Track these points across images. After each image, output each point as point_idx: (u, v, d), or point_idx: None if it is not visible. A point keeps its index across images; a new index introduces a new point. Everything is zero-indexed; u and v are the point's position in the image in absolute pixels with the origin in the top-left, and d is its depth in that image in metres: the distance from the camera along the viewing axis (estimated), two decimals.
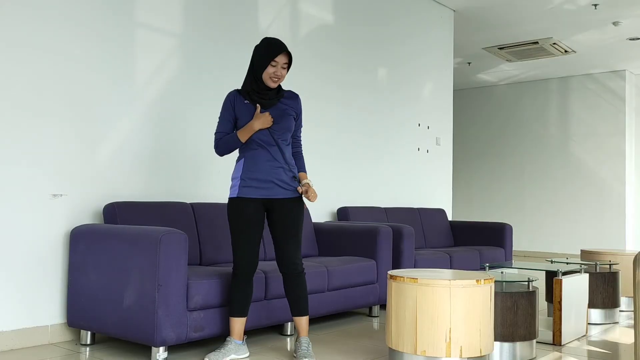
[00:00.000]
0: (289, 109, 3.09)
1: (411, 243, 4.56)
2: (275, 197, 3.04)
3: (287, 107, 3.10)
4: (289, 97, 3.14)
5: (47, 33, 3.38)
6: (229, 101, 3.07)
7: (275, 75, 3.00)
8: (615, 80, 9.70)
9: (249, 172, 3.01)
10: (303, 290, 3.10)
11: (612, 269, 4.42)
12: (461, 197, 11.18)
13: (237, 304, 3.03)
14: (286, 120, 3.06)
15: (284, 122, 3.05)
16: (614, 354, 3.39)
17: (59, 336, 3.40)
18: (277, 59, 2.98)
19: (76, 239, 3.33)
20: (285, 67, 3.02)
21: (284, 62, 3.00)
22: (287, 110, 3.09)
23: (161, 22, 3.96)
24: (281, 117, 3.05)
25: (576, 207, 9.93)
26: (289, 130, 3.09)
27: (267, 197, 3.03)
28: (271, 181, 3.02)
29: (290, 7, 4.93)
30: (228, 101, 3.07)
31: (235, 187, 3.03)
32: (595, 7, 6.72)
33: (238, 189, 3.02)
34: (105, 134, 3.65)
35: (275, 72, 2.99)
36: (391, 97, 6.03)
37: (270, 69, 2.98)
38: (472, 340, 2.70)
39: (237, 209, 3.00)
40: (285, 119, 3.06)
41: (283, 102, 3.10)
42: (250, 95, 3.03)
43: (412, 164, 6.30)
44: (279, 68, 2.99)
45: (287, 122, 3.07)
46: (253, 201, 3.01)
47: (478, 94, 11.12)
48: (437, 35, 6.70)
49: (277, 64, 2.98)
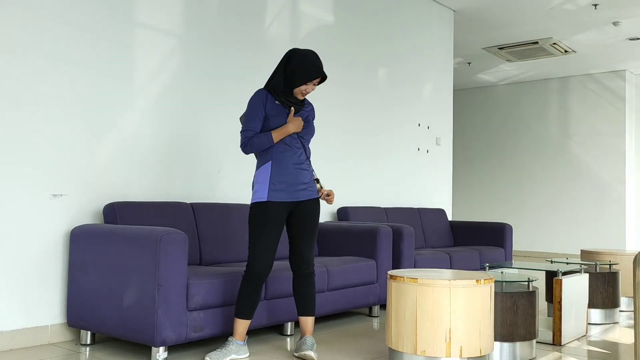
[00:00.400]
0: (309, 115, 3.22)
1: (411, 243, 4.56)
2: (300, 200, 3.10)
3: (308, 114, 3.22)
4: (308, 104, 3.26)
5: (46, 33, 3.38)
6: (260, 99, 3.06)
7: (306, 92, 3.11)
8: (615, 80, 9.70)
9: (279, 175, 3.02)
10: (312, 290, 3.17)
11: (612, 269, 4.42)
12: (461, 197, 11.18)
13: (246, 306, 3.02)
14: (310, 125, 3.20)
15: (309, 127, 3.18)
16: (614, 354, 3.39)
17: (59, 336, 3.40)
18: (314, 81, 3.09)
19: (76, 239, 3.33)
20: (316, 84, 3.13)
21: (317, 81, 3.11)
22: (308, 116, 3.21)
23: (161, 22, 3.97)
24: (307, 121, 3.18)
25: (576, 207, 9.93)
26: (312, 134, 3.22)
27: (295, 199, 3.07)
28: (299, 184, 3.08)
29: (290, 7, 4.93)
30: (259, 99, 3.06)
31: (264, 191, 3.00)
32: (595, 7, 6.72)
33: (268, 193, 3.00)
34: (105, 134, 3.65)
35: (307, 89, 3.09)
36: (391, 97, 6.03)
37: (304, 87, 3.07)
38: (472, 340, 2.70)
39: (266, 212, 2.99)
40: (309, 123, 3.19)
41: (305, 108, 3.22)
42: (280, 97, 3.08)
43: (412, 164, 6.30)
44: (311, 86, 3.10)
45: (310, 128, 3.20)
46: (281, 205, 3.03)
47: (478, 94, 11.12)
48: (437, 35, 6.70)
49: (312, 83, 3.09)
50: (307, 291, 3.14)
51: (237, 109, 4.40)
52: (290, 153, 3.05)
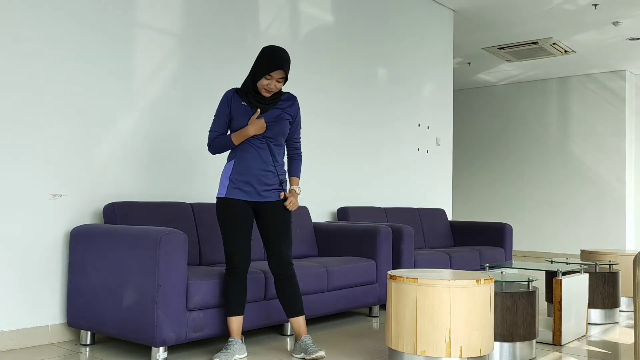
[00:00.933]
0: (284, 113, 3.11)
1: (411, 243, 4.56)
2: (263, 201, 3.08)
3: (283, 111, 3.10)
4: (286, 99, 3.14)
5: (46, 33, 3.38)
6: (226, 100, 3.08)
7: (268, 88, 3.01)
8: (615, 80, 9.70)
9: (238, 174, 3.04)
10: (298, 290, 3.13)
11: (612, 269, 4.42)
12: (461, 197, 11.18)
13: (235, 303, 3.05)
14: (280, 124, 3.08)
15: (278, 127, 3.07)
16: (614, 354, 3.39)
17: (59, 336, 3.40)
18: (273, 74, 2.98)
19: (76, 239, 3.33)
20: (281, 81, 3.02)
21: (279, 77, 3.00)
22: (282, 114, 3.10)
23: (161, 22, 3.96)
24: (276, 122, 3.07)
25: (576, 207, 9.93)
26: (283, 134, 3.10)
27: (255, 200, 3.07)
28: (259, 185, 3.05)
29: (290, 7, 4.93)
30: (225, 100, 3.08)
31: (223, 187, 3.06)
32: (595, 7, 6.72)
33: (227, 190, 3.05)
34: (105, 134, 3.65)
35: (269, 84, 3.00)
36: (391, 97, 6.03)
37: (265, 81, 2.99)
38: (472, 340, 2.70)
39: (226, 208, 3.04)
40: (279, 123, 3.07)
41: (279, 105, 3.10)
42: (248, 97, 3.04)
43: (412, 164, 6.30)
44: (274, 82, 3.00)
45: (281, 126, 3.08)
46: (240, 202, 3.05)
47: (478, 94, 11.12)
48: (437, 35, 6.70)
49: (271, 78, 2.99)
50: (292, 292, 3.11)
51: None
52: (252, 154, 3.04)
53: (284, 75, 3.01)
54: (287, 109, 3.13)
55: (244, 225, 3.04)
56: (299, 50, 4.98)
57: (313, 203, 5.05)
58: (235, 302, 3.05)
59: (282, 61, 2.98)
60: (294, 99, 3.17)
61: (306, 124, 4.99)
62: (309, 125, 5.04)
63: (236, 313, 3.05)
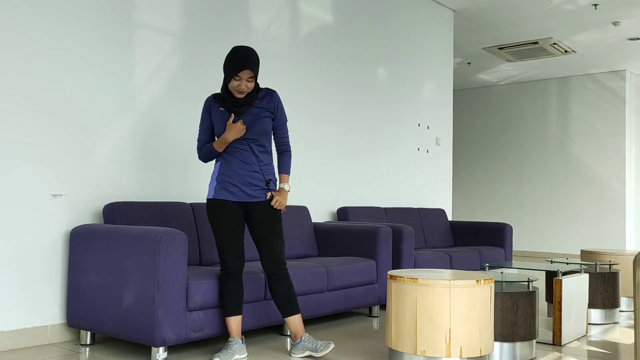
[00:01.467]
0: (262, 111, 3.07)
1: (411, 243, 4.56)
2: (250, 201, 3.07)
3: (261, 109, 3.07)
4: (264, 96, 3.10)
5: (46, 33, 3.38)
6: (205, 108, 3.12)
7: (239, 89, 2.98)
8: (615, 80, 9.70)
9: (224, 175, 3.06)
10: (292, 290, 3.12)
11: (612, 269, 4.42)
12: (461, 197, 11.18)
13: (232, 302, 3.06)
14: (259, 123, 3.04)
15: (257, 126, 3.04)
16: (614, 354, 3.39)
17: (59, 336, 3.40)
18: (241, 74, 2.95)
19: (76, 239, 3.33)
20: (251, 80, 3.00)
21: (248, 77, 2.97)
22: (260, 112, 3.06)
23: (161, 22, 3.96)
24: (254, 121, 3.04)
25: (576, 207, 9.93)
26: (264, 132, 3.08)
27: (243, 200, 3.07)
28: (245, 186, 3.04)
29: (290, 7, 4.92)
30: (205, 107, 3.12)
31: (211, 189, 3.09)
32: (595, 7, 6.72)
33: (214, 191, 3.07)
34: (105, 134, 3.65)
35: (240, 85, 2.97)
36: (391, 97, 6.03)
37: (234, 82, 2.97)
38: (472, 341, 2.70)
39: (215, 209, 3.06)
40: (258, 122, 3.04)
41: (256, 104, 3.07)
42: (225, 101, 3.03)
43: (412, 164, 6.30)
44: (244, 82, 2.97)
45: (261, 126, 3.05)
46: (228, 203, 3.06)
47: (478, 94, 11.12)
48: (437, 35, 6.70)
49: (240, 78, 2.96)
50: (287, 292, 3.10)
51: None
52: (236, 156, 3.04)
53: (253, 75, 2.98)
54: (265, 106, 3.09)
55: (234, 225, 3.05)
56: (299, 50, 4.98)
57: (313, 203, 5.05)
58: (232, 302, 3.05)
59: (247, 61, 2.94)
60: (271, 93, 3.12)
61: (306, 124, 4.99)
62: (309, 125, 5.04)
63: (234, 313, 3.06)
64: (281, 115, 3.15)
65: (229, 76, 2.98)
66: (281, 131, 3.18)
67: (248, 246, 3.97)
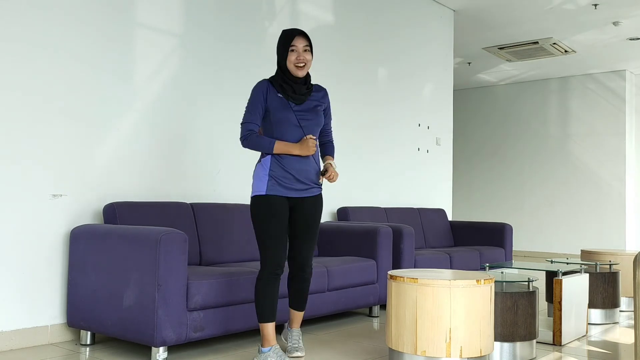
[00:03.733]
0: (319, 104, 3.02)
1: (411, 243, 4.56)
2: (300, 197, 2.98)
3: (317, 102, 3.01)
4: (317, 90, 3.05)
5: (46, 33, 3.38)
6: (261, 91, 2.91)
7: (298, 61, 2.88)
8: (615, 80, 9.70)
9: (279, 170, 2.89)
10: (307, 289, 3.14)
11: (612, 269, 4.42)
12: (461, 197, 11.18)
13: (271, 307, 2.88)
14: (316, 116, 2.98)
15: (315, 119, 2.97)
16: (614, 354, 3.39)
17: (59, 336, 3.40)
18: (295, 43, 2.88)
19: (76, 239, 3.33)
20: (308, 49, 2.90)
21: (304, 45, 2.89)
22: (318, 105, 3.01)
23: (161, 22, 3.96)
24: (312, 113, 2.97)
25: (576, 207, 9.93)
26: (319, 125, 3.01)
27: (296, 196, 2.95)
28: (302, 182, 2.94)
29: (290, 7, 4.92)
30: (259, 90, 2.91)
31: (263, 184, 2.89)
32: (595, 7, 6.71)
33: (267, 187, 2.88)
34: (105, 134, 3.65)
35: (298, 57, 2.87)
36: (391, 97, 6.02)
37: (292, 55, 2.88)
38: (472, 341, 2.69)
39: (266, 206, 2.87)
40: (316, 115, 2.98)
41: (313, 97, 3.01)
42: (283, 87, 2.90)
43: (412, 164, 6.30)
44: (301, 52, 2.88)
45: (318, 118, 2.99)
46: (280, 198, 2.90)
47: (478, 94, 11.12)
48: (437, 35, 6.70)
49: (296, 47, 2.88)
50: (301, 287, 3.11)
51: (237, 109, 4.40)
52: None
53: (307, 43, 2.90)
54: (321, 100, 3.04)
55: (280, 225, 2.89)
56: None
57: None
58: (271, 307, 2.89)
59: (299, 30, 2.92)
60: (324, 90, 3.09)
61: None
62: None
63: (268, 319, 2.88)
64: (329, 112, 3.12)
65: (284, 52, 2.88)
66: (329, 126, 3.16)
67: (244, 245, 3.97)
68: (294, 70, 2.90)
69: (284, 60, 2.90)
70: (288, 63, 2.89)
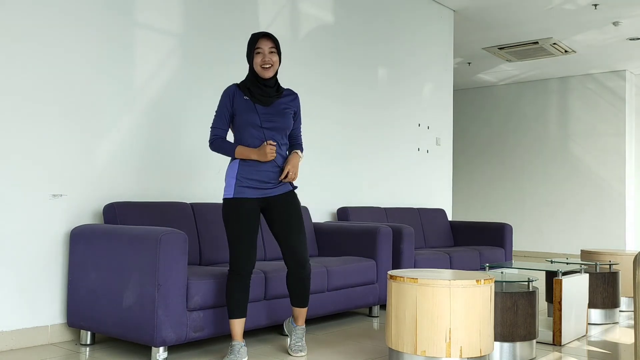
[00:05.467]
0: (287, 107, 3.08)
1: (411, 243, 4.56)
2: (270, 195, 3.04)
3: (286, 105, 3.08)
4: (288, 94, 3.13)
5: (46, 32, 3.38)
6: (227, 95, 3.02)
7: (264, 62, 2.97)
8: (615, 80, 9.70)
9: (245, 172, 2.99)
10: (308, 285, 3.15)
11: (612, 269, 4.42)
12: (461, 197, 11.18)
13: (235, 306, 2.96)
14: (283, 118, 3.04)
15: (281, 121, 3.03)
16: (614, 354, 3.39)
17: (59, 336, 3.40)
18: (260, 45, 2.97)
19: (76, 239, 3.33)
20: (274, 51, 2.99)
21: (269, 47, 2.98)
22: (286, 108, 3.07)
23: (161, 22, 3.96)
24: (279, 116, 3.03)
25: (576, 207, 9.93)
26: (286, 129, 3.07)
27: (263, 196, 3.03)
28: (267, 182, 3.02)
29: (290, 7, 4.92)
30: (226, 95, 3.03)
31: (230, 187, 3.00)
32: (595, 7, 6.72)
33: (234, 189, 2.99)
34: (105, 134, 3.65)
35: (264, 58, 2.97)
36: (391, 97, 6.03)
37: (258, 58, 2.98)
38: (472, 341, 2.70)
39: (234, 208, 2.97)
40: (283, 117, 3.04)
41: (282, 100, 3.08)
42: (251, 90, 3.00)
43: (412, 164, 6.30)
44: (267, 54, 2.97)
45: (285, 121, 3.05)
46: (248, 201, 3.00)
47: (478, 94, 11.12)
48: (437, 35, 6.70)
49: (262, 50, 2.97)
50: (302, 284, 3.13)
51: None
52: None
53: (273, 45, 2.99)
54: (290, 103, 3.11)
55: (252, 228, 2.98)
56: (299, 50, 4.98)
57: (313, 203, 5.05)
58: (235, 305, 2.97)
59: (264, 33, 3.00)
60: (295, 94, 3.16)
61: (306, 124, 4.99)
62: (309, 125, 5.04)
63: (236, 315, 2.97)
64: (300, 116, 3.19)
65: (251, 54, 2.99)
66: (298, 131, 3.21)
67: None
68: (261, 71, 2.99)
69: (251, 61, 3.01)
70: (255, 65, 2.99)
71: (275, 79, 3.07)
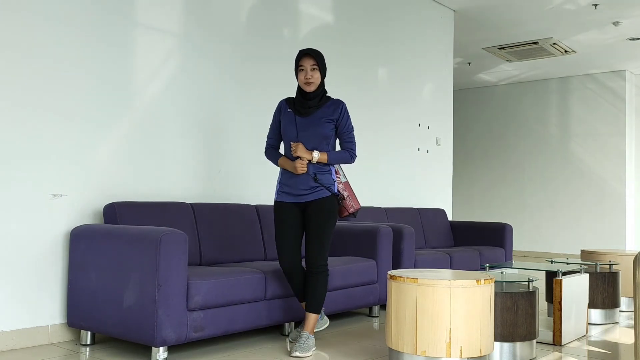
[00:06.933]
0: (325, 117, 3.25)
1: (411, 243, 4.56)
2: (304, 201, 3.28)
3: (324, 115, 3.26)
4: (330, 105, 3.31)
5: (46, 32, 3.38)
6: (277, 109, 3.38)
7: (306, 80, 3.21)
8: (615, 80, 9.70)
9: (284, 179, 3.32)
10: (316, 289, 3.25)
11: (612, 269, 4.42)
12: (461, 197, 11.18)
13: (295, 291, 3.36)
14: (318, 127, 3.23)
15: (314, 130, 3.23)
16: (614, 354, 3.39)
17: (59, 336, 3.40)
18: (302, 63, 3.22)
19: (76, 239, 3.33)
20: (315, 68, 3.22)
21: (311, 64, 3.21)
22: (323, 117, 3.25)
23: (161, 22, 3.96)
24: (314, 125, 3.23)
25: (576, 207, 9.93)
26: (321, 136, 3.25)
27: (299, 201, 3.28)
28: (302, 188, 3.25)
29: (291, 7, 4.92)
30: (277, 109, 3.38)
31: (275, 192, 3.37)
32: (595, 7, 6.72)
33: (277, 194, 3.35)
34: (105, 134, 3.65)
35: (305, 75, 3.21)
36: (391, 96, 6.03)
37: (301, 75, 3.23)
38: (472, 341, 2.70)
39: (276, 211, 3.33)
40: (317, 126, 3.23)
41: (321, 111, 3.27)
42: (295, 103, 3.27)
43: (412, 164, 6.30)
44: (308, 71, 3.21)
45: (319, 129, 3.24)
46: (287, 204, 3.30)
47: (478, 94, 11.12)
48: (437, 35, 6.70)
49: (304, 67, 3.22)
50: (311, 287, 3.25)
51: (237, 109, 4.40)
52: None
53: (314, 62, 3.21)
54: (330, 112, 3.27)
55: (290, 230, 3.27)
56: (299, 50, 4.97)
57: None
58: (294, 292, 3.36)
59: (308, 50, 3.24)
60: (338, 103, 3.32)
61: None
62: None
63: (300, 300, 3.40)
64: (345, 124, 3.33)
65: (296, 71, 3.26)
66: (346, 137, 3.35)
67: (244, 245, 3.96)
68: (304, 86, 3.26)
69: (297, 78, 3.28)
70: (299, 81, 3.26)
71: (319, 91, 3.27)
